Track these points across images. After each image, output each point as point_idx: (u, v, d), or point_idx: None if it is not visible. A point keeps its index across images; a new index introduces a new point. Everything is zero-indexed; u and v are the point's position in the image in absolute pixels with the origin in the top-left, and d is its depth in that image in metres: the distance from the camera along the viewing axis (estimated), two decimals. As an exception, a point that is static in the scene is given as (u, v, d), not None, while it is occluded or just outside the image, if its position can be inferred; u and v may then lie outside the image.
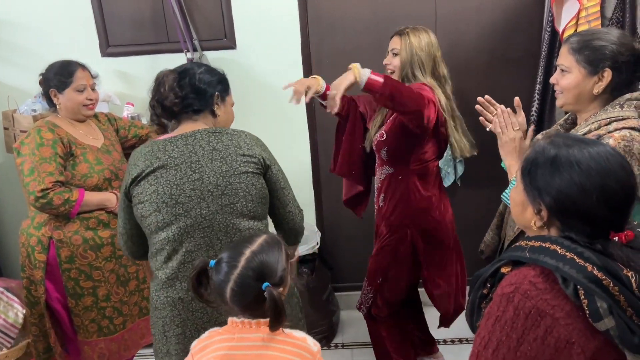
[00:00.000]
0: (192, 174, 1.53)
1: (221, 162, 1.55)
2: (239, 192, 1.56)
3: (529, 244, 1.06)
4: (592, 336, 0.98)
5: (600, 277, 0.96)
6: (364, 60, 2.79)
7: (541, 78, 2.51)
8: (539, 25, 2.66)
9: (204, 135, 1.58)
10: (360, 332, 2.95)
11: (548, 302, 0.99)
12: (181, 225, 1.54)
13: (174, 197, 1.53)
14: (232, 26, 2.73)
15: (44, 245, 2.11)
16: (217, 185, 1.54)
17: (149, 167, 1.55)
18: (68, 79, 2.14)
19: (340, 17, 2.76)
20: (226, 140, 1.58)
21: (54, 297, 2.18)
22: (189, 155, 1.55)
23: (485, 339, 1.04)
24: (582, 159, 1.03)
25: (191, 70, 1.66)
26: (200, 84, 1.63)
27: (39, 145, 2.05)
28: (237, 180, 1.55)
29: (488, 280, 1.12)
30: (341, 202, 3.01)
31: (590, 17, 2.14)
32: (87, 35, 2.75)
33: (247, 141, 1.61)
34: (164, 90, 1.61)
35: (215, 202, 1.54)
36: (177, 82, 1.62)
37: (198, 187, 1.53)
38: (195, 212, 1.53)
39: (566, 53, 1.56)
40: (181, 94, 1.61)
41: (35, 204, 2.01)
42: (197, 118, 1.64)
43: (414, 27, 2.13)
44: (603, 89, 1.52)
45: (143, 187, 1.55)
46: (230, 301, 1.27)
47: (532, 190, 1.09)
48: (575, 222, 1.04)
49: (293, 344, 1.30)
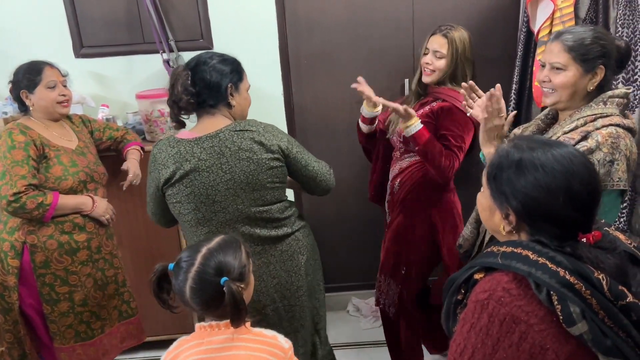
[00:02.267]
0: (223, 175, 1.68)
1: (248, 161, 1.68)
2: (267, 186, 1.72)
3: (501, 249, 1.07)
4: (565, 341, 0.99)
5: (572, 281, 0.97)
6: (341, 60, 2.81)
7: (517, 78, 2.54)
8: (514, 26, 2.69)
9: (228, 135, 1.69)
10: (341, 333, 2.96)
11: (522, 308, 0.99)
12: (221, 220, 1.72)
13: (211, 197, 1.69)
14: (208, 27, 2.71)
15: (17, 251, 2.06)
16: (248, 183, 1.69)
17: (180, 170, 1.68)
18: (37, 77, 2.09)
19: (317, 17, 2.75)
20: (248, 139, 1.69)
21: (27, 303, 2.13)
22: (218, 157, 1.67)
23: (460, 346, 1.04)
24: (546, 161, 1.04)
25: (203, 64, 1.71)
26: (213, 78, 1.70)
27: (10, 148, 2.00)
28: (265, 177, 1.70)
29: (462, 286, 1.12)
30: (322, 202, 3.01)
31: (565, 18, 2.17)
32: (60, 35, 2.70)
33: (266, 136, 1.71)
34: (178, 91, 1.68)
35: (248, 197, 1.71)
36: (190, 79, 1.68)
37: (231, 187, 1.69)
38: (232, 208, 1.71)
39: (561, 50, 1.55)
40: (195, 92, 1.69)
41: (8, 208, 1.96)
42: (215, 112, 1.73)
43: (456, 27, 2.10)
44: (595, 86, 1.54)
45: (178, 189, 1.70)
46: (190, 300, 1.27)
47: (498, 195, 1.10)
48: (543, 225, 1.05)
49: (263, 342, 1.31)
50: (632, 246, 1.12)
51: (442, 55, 2.09)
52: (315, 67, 2.83)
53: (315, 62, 2.82)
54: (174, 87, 1.69)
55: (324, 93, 2.87)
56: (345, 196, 2.99)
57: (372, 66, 2.82)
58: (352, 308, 3.15)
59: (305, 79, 2.85)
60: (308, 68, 2.83)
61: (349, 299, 3.17)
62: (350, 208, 3.02)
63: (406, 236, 2.23)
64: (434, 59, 2.12)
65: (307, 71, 2.84)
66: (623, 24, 2.04)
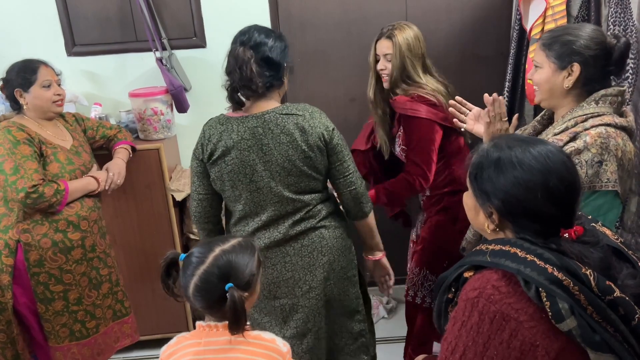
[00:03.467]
0: (263, 156, 1.69)
1: (288, 145, 1.68)
2: (303, 174, 1.72)
3: (489, 247, 1.08)
4: (555, 337, 1.00)
5: (560, 277, 0.98)
6: (335, 58, 2.81)
7: (510, 76, 2.54)
8: (507, 24, 2.70)
9: (273, 117, 1.69)
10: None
11: (512, 305, 1.00)
12: (255, 200, 1.74)
13: (248, 176, 1.71)
14: (201, 25, 2.70)
15: (11, 249, 2.05)
16: (284, 167, 1.70)
17: (222, 147, 1.70)
18: (32, 76, 2.08)
19: (310, 15, 2.75)
20: (292, 123, 1.69)
21: (21, 303, 2.13)
22: (259, 138, 1.69)
23: (452, 344, 1.05)
24: (524, 158, 1.06)
25: (262, 41, 1.69)
26: (275, 57, 1.70)
27: (15, 144, 2.01)
28: (301, 164, 1.70)
29: (452, 284, 1.13)
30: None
31: (557, 16, 2.18)
32: (52, 34, 2.69)
33: (311, 123, 1.71)
34: (248, 73, 1.66)
35: (282, 181, 1.72)
36: (256, 60, 1.67)
37: (268, 168, 1.70)
38: (267, 190, 1.72)
39: (538, 49, 1.59)
40: (263, 73, 1.67)
41: (26, 200, 1.97)
42: (270, 95, 1.74)
43: (399, 26, 2.10)
44: (573, 84, 1.53)
45: (220, 166, 1.73)
46: (192, 297, 1.26)
47: (480, 194, 1.12)
48: (524, 222, 1.07)
49: (261, 345, 1.30)
50: (619, 242, 1.13)
51: (391, 58, 2.09)
52: (309, 65, 2.83)
53: (308, 60, 2.82)
54: (242, 69, 1.66)
55: (318, 91, 2.87)
56: (339, 194, 2.99)
57: (366, 64, 2.81)
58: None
59: (299, 77, 2.85)
60: (302, 66, 2.83)
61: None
62: (345, 206, 3.02)
63: (447, 231, 2.22)
64: (386, 62, 2.12)
65: (301, 69, 2.84)
66: (615, 22, 2.05)
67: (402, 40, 2.07)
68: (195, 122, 2.78)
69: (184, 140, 2.78)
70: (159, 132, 2.61)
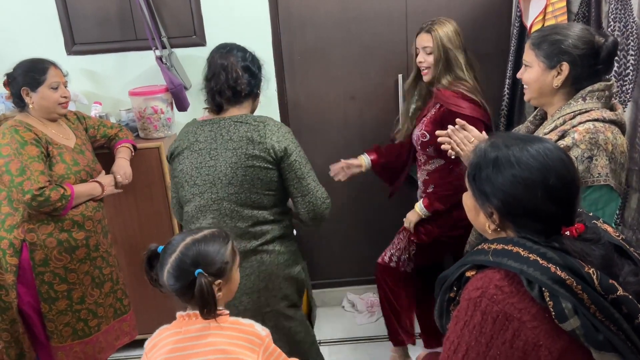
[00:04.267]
0: (209, 160, 1.71)
1: (232, 152, 1.68)
2: (244, 184, 1.69)
3: (492, 247, 1.08)
4: (558, 337, 0.99)
5: (563, 277, 0.98)
6: (335, 56, 2.81)
7: (510, 73, 2.54)
8: (507, 21, 2.69)
9: (227, 123, 1.72)
10: (336, 329, 2.96)
11: (514, 305, 1.00)
12: (197, 204, 1.74)
13: (193, 178, 1.73)
14: (201, 23, 2.70)
15: (16, 249, 2.06)
16: (226, 174, 1.69)
17: (180, 147, 1.76)
18: (41, 77, 2.08)
19: (310, 13, 2.75)
20: (242, 131, 1.69)
21: (25, 302, 2.13)
22: (211, 142, 1.71)
23: (454, 343, 1.05)
24: (521, 157, 1.06)
25: (242, 49, 1.80)
26: (253, 66, 1.78)
27: (22, 144, 2.00)
28: (243, 173, 1.68)
29: (454, 283, 1.13)
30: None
31: (557, 12, 2.17)
32: (52, 33, 2.68)
33: (262, 132, 1.69)
34: (234, 74, 1.72)
35: (223, 189, 1.70)
36: (241, 63, 1.75)
37: (211, 173, 1.70)
38: (207, 196, 1.72)
39: (527, 48, 1.61)
40: (246, 77, 1.74)
41: (32, 202, 1.97)
42: (244, 103, 1.80)
43: (439, 21, 2.17)
44: (562, 82, 1.55)
45: (175, 165, 1.79)
46: (167, 284, 1.30)
47: (480, 195, 1.11)
48: (525, 221, 1.07)
49: (239, 329, 1.33)
50: (620, 239, 1.13)
51: (430, 51, 2.16)
52: (308, 63, 2.83)
53: (308, 59, 2.81)
54: (227, 71, 1.73)
55: (317, 89, 2.86)
56: (339, 192, 2.99)
57: (365, 62, 2.82)
58: (347, 304, 3.15)
59: (299, 75, 2.85)
60: (301, 64, 2.82)
61: (343, 295, 3.18)
62: (345, 203, 3.02)
63: (443, 217, 2.27)
64: (425, 55, 2.19)
65: (301, 67, 2.83)
66: (615, 18, 2.05)
67: (442, 32, 2.14)
68: (196, 120, 2.78)
69: (184, 139, 2.78)
70: (159, 130, 2.61)
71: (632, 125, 2.00)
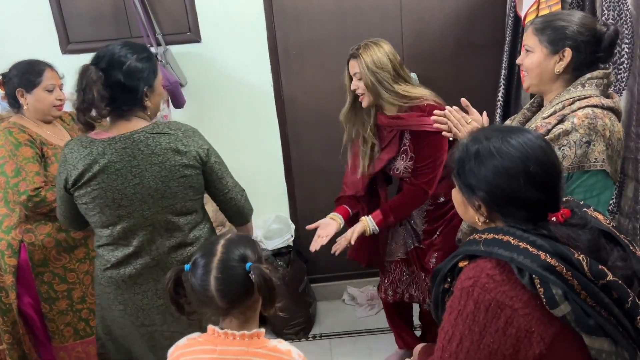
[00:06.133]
0: (132, 179, 1.60)
1: (160, 166, 1.60)
2: (178, 195, 1.64)
3: (483, 236, 1.09)
4: (550, 323, 1.01)
5: (553, 264, 0.99)
6: (330, 50, 2.80)
7: (506, 63, 2.54)
8: (502, 11, 2.69)
9: (143, 137, 1.60)
10: (337, 322, 2.98)
11: (506, 293, 1.02)
12: (125, 225, 1.64)
13: (117, 201, 1.61)
14: (196, 19, 2.69)
15: (14, 249, 2.06)
16: (157, 189, 1.61)
17: (89, 172, 1.58)
18: (37, 79, 2.08)
19: (305, 8, 2.74)
20: (164, 142, 1.61)
21: (26, 302, 2.13)
22: (129, 159, 1.59)
23: (449, 333, 1.07)
24: (502, 147, 1.08)
25: (117, 62, 1.58)
26: (129, 81, 1.59)
27: (17, 145, 2.01)
28: (176, 184, 1.63)
29: (447, 274, 1.15)
30: (314, 193, 3.02)
31: (551, 2, 2.17)
32: (46, 32, 2.68)
33: (184, 141, 1.63)
34: (91, 96, 1.54)
35: (155, 204, 1.63)
36: (105, 81, 1.56)
37: (139, 191, 1.61)
38: (138, 214, 1.63)
39: (530, 33, 1.60)
40: (109, 97, 1.57)
41: (28, 203, 1.96)
42: (130, 116, 1.64)
43: (365, 45, 2.07)
44: (564, 69, 1.56)
45: (85, 191, 1.61)
46: (216, 293, 1.22)
47: (465, 188, 1.13)
48: (511, 210, 1.09)
49: (278, 357, 1.28)
50: (611, 226, 1.14)
51: (360, 76, 2.06)
52: (304, 57, 2.83)
53: (304, 53, 2.81)
54: (85, 93, 1.55)
55: (313, 83, 2.86)
56: (338, 185, 2.98)
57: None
58: (347, 297, 3.16)
59: (295, 70, 2.85)
60: (297, 59, 2.82)
61: (344, 288, 3.19)
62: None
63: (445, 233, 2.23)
64: (357, 82, 2.09)
65: (296, 62, 2.83)
66: (609, 7, 2.05)
67: (366, 56, 2.03)
68: (192, 117, 2.78)
69: (182, 136, 2.78)
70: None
71: (627, 114, 2.01)
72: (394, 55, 2.08)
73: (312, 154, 2.96)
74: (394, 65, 2.06)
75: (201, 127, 2.96)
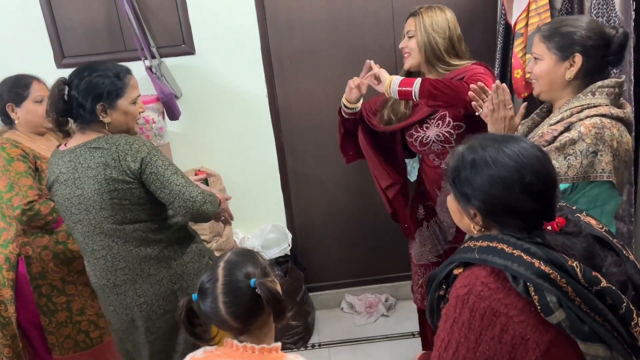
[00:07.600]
0: (76, 190, 1.71)
1: (94, 180, 1.68)
2: (115, 207, 1.70)
3: (477, 244, 1.10)
4: (545, 330, 1.02)
5: (547, 271, 1.00)
6: (323, 58, 2.82)
7: (498, 70, 2.56)
8: (493, 18, 2.71)
9: (82, 151, 1.70)
10: (336, 331, 2.98)
11: (501, 301, 1.03)
12: (80, 231, 1.77)
13: (68, 209, 1.75)
14: (189, 31, 2.71)
15: (12, 263, 2.06)
16: (95, 200, 1.70)
17: (50, 180, 1.78)
18: (25, 91, 2.10)
19: (297, 16, 2.76)
20: (97, 157, 1.68)
21: (24, 316, 2.13)
22: (72, 172, 1.71)
23: (445, 341, 1.07)
24: (497, 157, 1.08)
25: (78, 77, 1.70)
26: (83, 96, 1.69)
27: (9, 161, 2.02)
28: (109, 197, 1.69)
29: (443, 281, 1.15)
30: (311, 201, 3.03)
31: (540, 10, 2.19)
32: (41, 47, 2.68)
33: (115, 157, 1.67)
34: (48, 107, 1.72)
35: (97, 214, 1.72)
36: (62, 97, 1.69)
37: (83, 202, 1.71)
38: (87, 222, 1.74)
39: (538, 41, 1.59)
40: (64, 109, 1.71)
41: (22, 217, 1.97)
42: (85, 129, 1.74)
43: (429, 6, 2.03)
44: (575, 75, 1.54)
45: (54, 197, 1.81)
46: (228, 316, 1.23)
47: (461, 197, 1.14)
48: (507, 219, 1.09)
49: None
50: (603, 230, 1.15)
51: (412, 34, 2.02)
52: (297, 66, 2.84)
53: (297, 61, 2.83)
54: (49, 102, 1.72)
55: (308, 91, 2.88)
56: (334, 193, 3.01)
57: (354, 62, 2.82)
58: (345, 305, 3.16)
59: (289, 78, 2.86)
60: (291, 67, 2.84)
61: (342, 296, 3.19)
62: (340, 205, 3.04)
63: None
64: (407, 41, 2.07)
65: (290, 71, 2.85)
66: (597, 14, 2.07)
67: (426, 16, 1.99)
68: (188, 129, 2.79)
69: (177, 148, 2.78)
70: (152, 140, 2.61)
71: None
72: (454, 25, 2.04)
73: (308, 161, 2.97)
74: (452, 35, 2.02)
75: (197, 138, 2.99)
